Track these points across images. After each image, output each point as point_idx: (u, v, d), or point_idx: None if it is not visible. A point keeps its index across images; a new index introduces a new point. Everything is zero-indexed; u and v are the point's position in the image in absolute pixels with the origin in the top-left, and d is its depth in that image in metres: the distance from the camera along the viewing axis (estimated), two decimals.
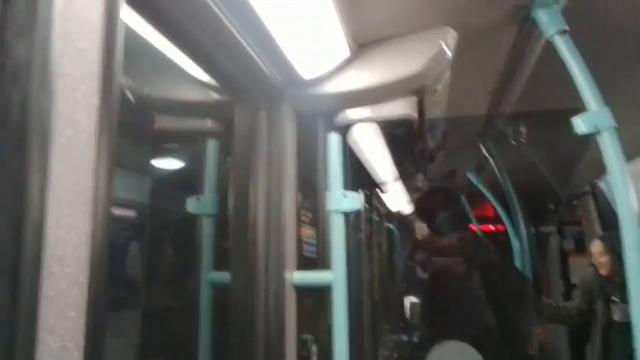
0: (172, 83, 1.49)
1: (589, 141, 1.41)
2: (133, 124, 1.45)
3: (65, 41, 0.57)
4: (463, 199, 5.22)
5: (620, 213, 1.35)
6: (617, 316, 3.35)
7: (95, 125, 0.62)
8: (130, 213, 1.82)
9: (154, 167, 1.79)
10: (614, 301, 3.38)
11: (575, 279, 4.65)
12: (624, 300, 3.31)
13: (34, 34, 0.52)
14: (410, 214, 5.78)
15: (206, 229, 1.62)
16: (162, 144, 1.71)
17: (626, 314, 3.28)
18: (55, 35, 0.54)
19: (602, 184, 4.60)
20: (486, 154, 3.35)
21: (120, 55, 0.67)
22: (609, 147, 1.30)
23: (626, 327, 1.32)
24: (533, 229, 4.61)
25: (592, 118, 1.32)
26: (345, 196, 1.54)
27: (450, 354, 1.66)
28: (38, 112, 0.52)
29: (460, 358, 1.66)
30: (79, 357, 0.58)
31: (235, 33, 1.10)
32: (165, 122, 1.62)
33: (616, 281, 3.33)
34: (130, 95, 1.39)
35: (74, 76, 0.59)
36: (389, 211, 5.22)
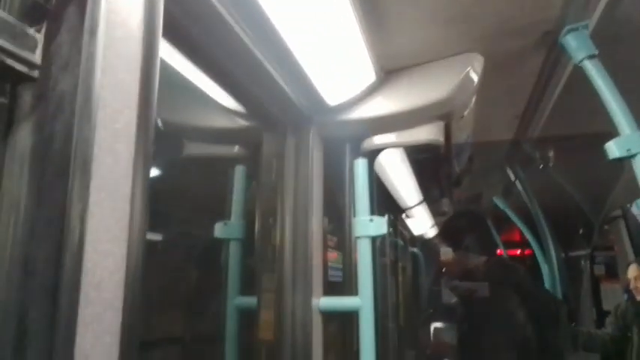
0: (202, 111, 1.52)
1: (622, 165, 1.38)
2: (162, 151, 1.48)
3: (107, 74, 0.59)
4: (489, 223, 5.14)
5: None
6: None
7: (133, 154, 0.63)
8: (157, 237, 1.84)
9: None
10: None
11: (607, 305, 4.51)
12: None
13: (79, 67, 0.54)
14: (435, 238, 5.71)
15: (233, 254, 1.63)
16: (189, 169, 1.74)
17: None
18: (98, 68, 0.56)
19: (633, 208, 4.48)
20: (513, 178, 3.31)
21: (156, 86, 0.69)
22: None
23: None
24: (563, 254, 4.50)
25: (625, 142, 1.30)
26: (371, 221, 1.54)
27: None
28: (80, 141, 0.54)
29: None
30: None
31: (264, 62, 1.12)
32: (194, 149, 1.66)
33: None
34: (159, 122, 1.42)
35: (115, 107, 0.61)
36: (413, 236, 5.17)
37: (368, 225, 1.54)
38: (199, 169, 1.67)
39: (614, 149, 1.31)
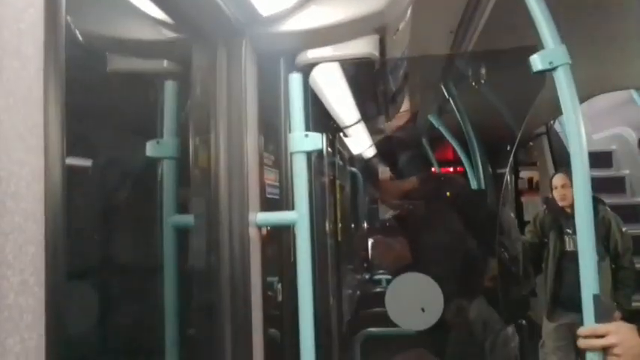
0: (125, 21, 1.42)
1: (546, 81, 1.43)
2: (84, 65, 1.39)
3: None
4: (424, 141, 5.30)
5: (571, 151, 1.40)
6: (570, 247, 3.57)
7: (42, 57, 0.59)
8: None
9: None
10: (568, 233, 3.59)
11: (527, 216, 4.88)
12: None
13: None
14: (373, 157, 5.84)
15: (167, 173, 1.60)
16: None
17: None
18: None
19: (556, 126, 4.74)
20: (447, 96, 3.38)
21: None
22: (564, 83, 1.33)
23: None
24: (491, 170, 4.76)
25: (548, 55, 1.34)
26: (306, 136, 1.54)
27: (409, 285, 1.74)
28: None
29: (418, 289, 1.74)
30: (41, 291, 0.58)
31: None
32: (119, 63, 1.56)
33: (570, 213, 3.53)
34: (78, 34, 1.33)
35: (16, 6, 0.56)
36: (352, 155, 5.27)
37: (303, 140, 1.54)
38: (126, 86, 1.59)
39: (537, 62, 1.35)
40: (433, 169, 5.82)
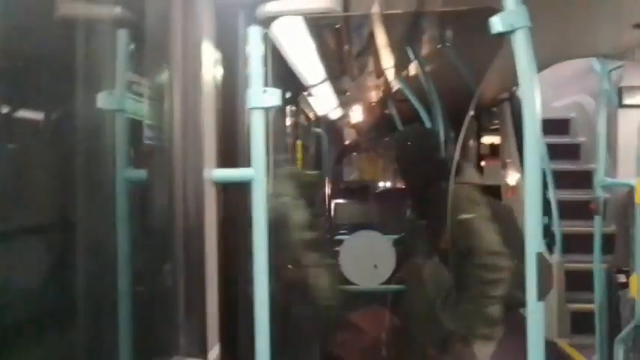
0: None
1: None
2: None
3: None
4: (389, 103, 5.29)
5: (524, 117, 1.37)
6: None
7: None
8: None
9: None
10: None
11: (488, 180, 4.98)
12: None
13: None
14: (339, 119, 5.83)
15: (119, 126, 1.54)
16: None
17: None
18: None
19: (519, 91, 4.80)
20: (412, 58, 3.35)
21: None
22: (521, 47, 1.32)
23: None
24: (453, 135, 4.80)
25: (509, 16, 1.33)
26: (265, 92, 1.51)
27: (362, 243, 1.76)
28: None
29: (371, 246, 1.76)
30: None
31: None
32: (68, 9, 1.48)
33: None
34: None
35: None
36: (317, 116, 5.24)
37: (261, 96, 1.51)
38: (76, 33, 1.51)
39: (498, 24, 1.33)
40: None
